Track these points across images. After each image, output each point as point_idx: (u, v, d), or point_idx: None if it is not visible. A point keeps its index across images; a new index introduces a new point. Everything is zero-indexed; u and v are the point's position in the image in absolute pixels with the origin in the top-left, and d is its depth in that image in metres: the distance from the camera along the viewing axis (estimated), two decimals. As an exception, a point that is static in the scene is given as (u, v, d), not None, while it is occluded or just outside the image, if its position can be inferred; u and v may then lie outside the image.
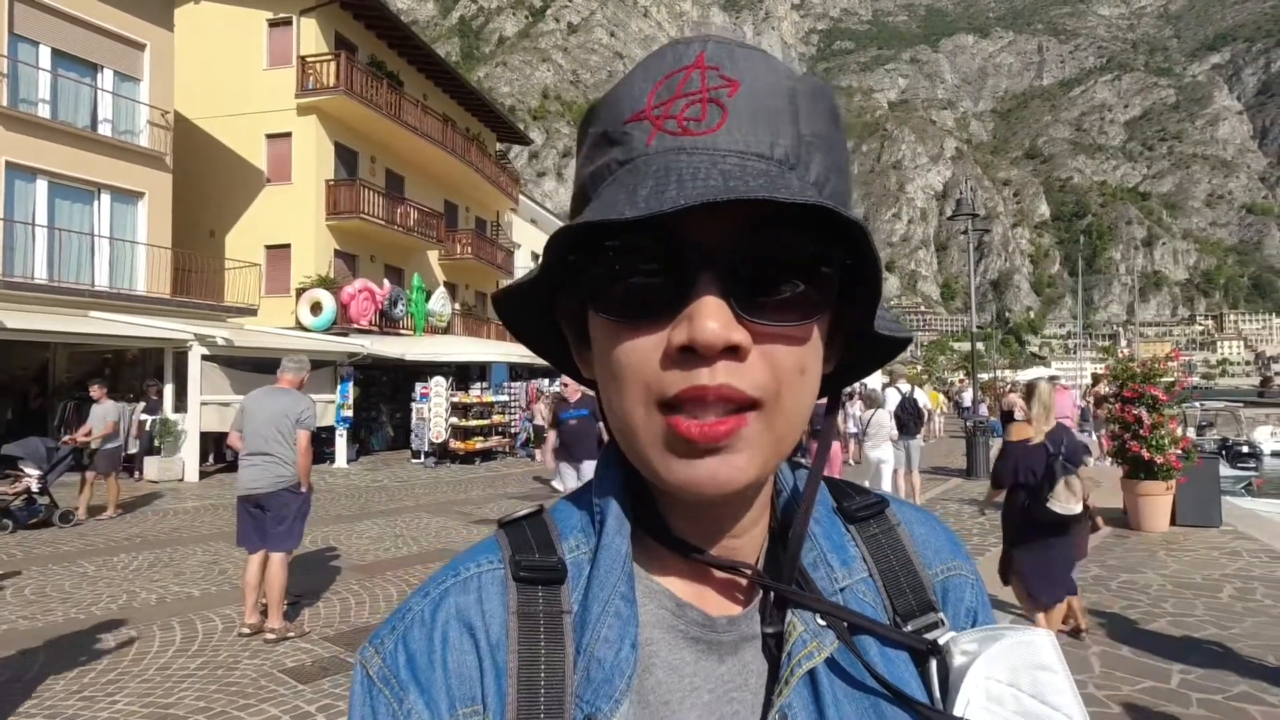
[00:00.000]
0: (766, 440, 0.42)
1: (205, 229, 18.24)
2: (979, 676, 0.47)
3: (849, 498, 0.56)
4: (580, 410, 7.01)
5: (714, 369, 0.40)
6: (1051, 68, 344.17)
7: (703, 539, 0.48)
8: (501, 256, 27.00)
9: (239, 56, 18.71)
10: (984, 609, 0.56)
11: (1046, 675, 0.46)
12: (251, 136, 18.54)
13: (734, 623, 0.47)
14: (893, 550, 0.53)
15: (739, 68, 0.42)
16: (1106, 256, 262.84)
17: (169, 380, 13.45)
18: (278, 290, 18.24)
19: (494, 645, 0.45)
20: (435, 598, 0.47)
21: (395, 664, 0.45)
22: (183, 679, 4.28)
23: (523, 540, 0.49)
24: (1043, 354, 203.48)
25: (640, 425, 0.42)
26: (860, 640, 0.48)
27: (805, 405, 0.44)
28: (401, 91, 20.67)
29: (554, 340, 0.54)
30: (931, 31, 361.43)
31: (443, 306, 21.52)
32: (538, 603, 0.46)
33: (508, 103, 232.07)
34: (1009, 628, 0.49)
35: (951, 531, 0.59)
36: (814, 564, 0.50)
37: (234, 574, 6.65)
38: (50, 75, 13.94)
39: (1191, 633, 4.85)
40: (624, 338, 0.42)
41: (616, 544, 0.47)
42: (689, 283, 0.40)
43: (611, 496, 0.49)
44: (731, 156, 0.40)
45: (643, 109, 0.43)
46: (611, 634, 0.44)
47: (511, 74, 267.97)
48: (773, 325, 0.41)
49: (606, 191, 0.43)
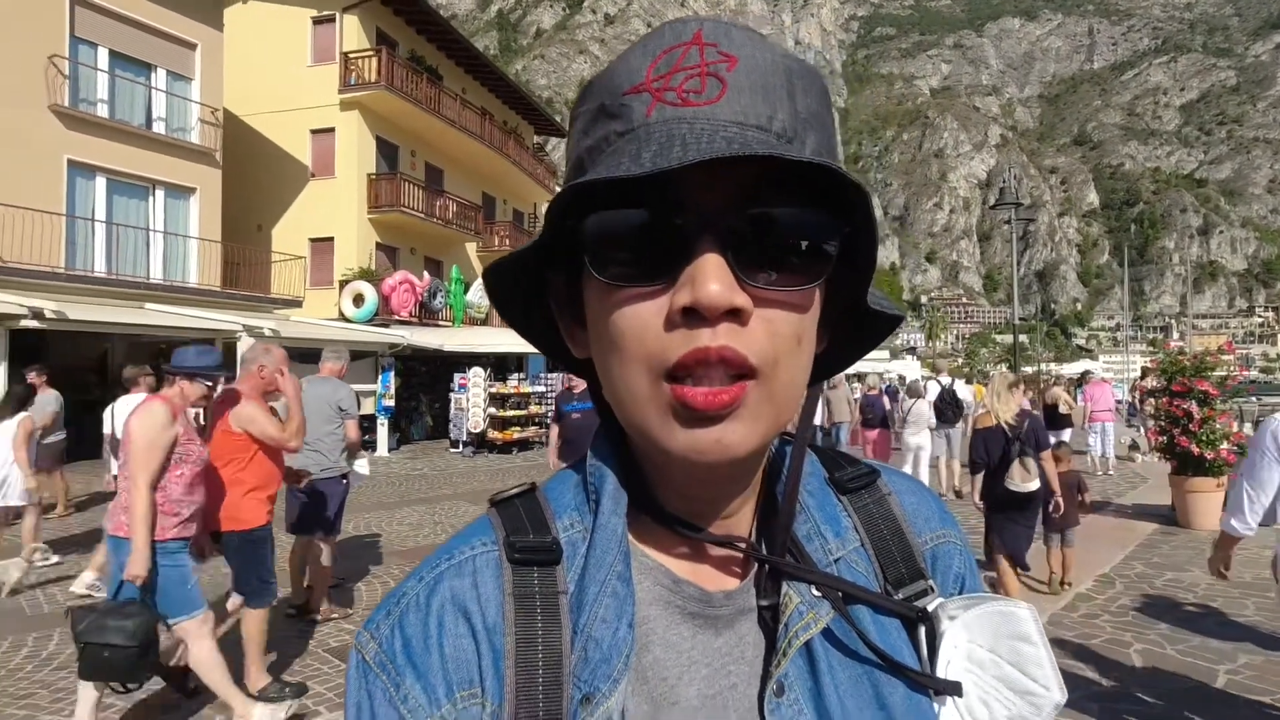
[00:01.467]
0: (766, 410, 0.42)
1: (253, 223, 18.77)
2: (960, 638, 0.48)
3: (840, 468, 0.56)
4: (586, 403, 6.28)
5: (715, 331, 0.40)
6: (1103, 50, 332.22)
7: (697, 515, 0.48)
8: (538, 248, 27.20)
9: (284, 54, 19.16)
10: (972, 575, 0.57)
11: (1026, 647, 0.48)
12: (296, 132, 18.99)
13: (730, 597, 0.48)
14: (884, 519, 0.54)
15: (736, 44, 0.42)
16: (1159, 246, 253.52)
17: (219, 370, 13.90)
18: (322, 282, 18.69)
19: (490, 628, 0.45)
20: (430, 582, 0.47)
21: (391, 649, 0.45)
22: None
23: (516, 520, 0.49)
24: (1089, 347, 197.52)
25: (643, 394, 0.42)
26: (854, 609, 0.49)
27: (801, 376, 0.44)
28: (441, 85, 20.93)
29: (542, 324, 0.53)
30: (976, 15, 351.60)
31: (481, 298, 21.79)
32: (533, 584, 0.45)
33: (545, 95, 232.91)
34: (993, 596, 0.50)
35: (941, 500, 0.60)
36: (808, 536, 0.51)
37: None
38: (108, 75, 14.46)
39: (1241, 633, 4.73)
40: (624, 302, 0.42)
41: (613, 523, 0.46)
42: (692, 246, 0.40)
43: (606, 474, 0.48)
44: (732, 126, 0.40)
45: (641, 81, 0.42)
46: (609, 614, 0.44)
47: (549, 66, 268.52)
48: (774, 290, 0.41)
49: (607, 159, 0.42)
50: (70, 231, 13.73)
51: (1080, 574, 6.00)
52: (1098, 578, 6.08)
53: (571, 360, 0.52)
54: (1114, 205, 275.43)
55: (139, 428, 3.21)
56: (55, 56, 13.36)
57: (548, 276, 0.50)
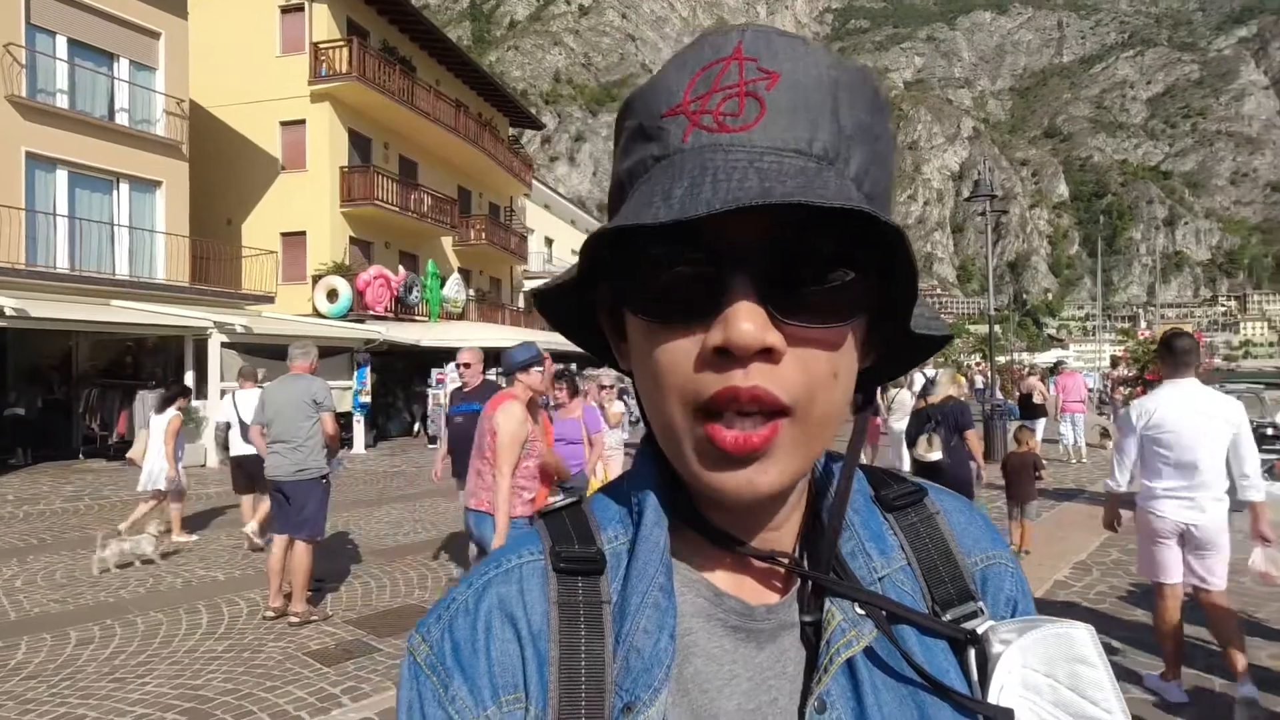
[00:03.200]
0: (799, 448, 0.43)
1: (222, 217, 18.38)
2: (1014, 664, 0.47)
3: (887, 486, 0.55)
4: (472, 404, 5.21)
5: (748, 371, 0.40)
6: (1072, 44, 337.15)
7: (740, 529, 0.48)
8: (515, 242, 27.03)
9: (252, 44, 18.74)
10: (1024, 598, 0.55)
11: (1085, 669, 0.46)
12: (266, 124, 18.61)
13: (772, 611, 0.48)
14: (931, 539, 0.53)
15: (778, 58, 0.42)
16: (1126, 237, 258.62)
17: (189, 367, 13.63)
18: (294, 277, 18.37)
19: (535, 634, 0.46)
20: (479, 588, 0.48)
21: (441, 651, 0.46)
22: (210, 661, 4.37)
23: (562, 531, 0.50)
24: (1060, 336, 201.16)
25: (679, 430, 0.43)
26: (899, 629, 0.48)
27: (837, 410, 0.44)
28: (414, 77, 20.64)
29: (593, 334, 0.54)
30: (948, 8, 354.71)
31: (457, 292, 21.60)
32: (578, 593, 0.47)
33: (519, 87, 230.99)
34: (1048, 619, 0.48)
35: (990, 520, 0.58)
36: (852, 553, 0.50)
37: (257, 559, 6.76)
38: (67, 65, 14.03)
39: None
40: (660, 339, 0.42)
41: (655, 535, 0.47)
42: (724, 284, 0.40)
43: (649, 487, 0.49)
44: (769, 155, 0.40)
45: (679, 103, 0.42)
46: (650, 624, 0.44)
47: (523, 58, 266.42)
48: (807, 328, 0.41)
49: (642, 189, 0.42)
50: (30, 226, 13.32)
51: (1057, 561, 6.09)
52: (1075, 565, 6.17)
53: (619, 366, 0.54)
54: (1083, 197, 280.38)
55: (504, 425, 3.82)
56: (11, 45, 12.92)
57: (597, 292, 0.51)
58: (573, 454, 5.59)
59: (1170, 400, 3.61)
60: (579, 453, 5.67)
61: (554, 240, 34.93)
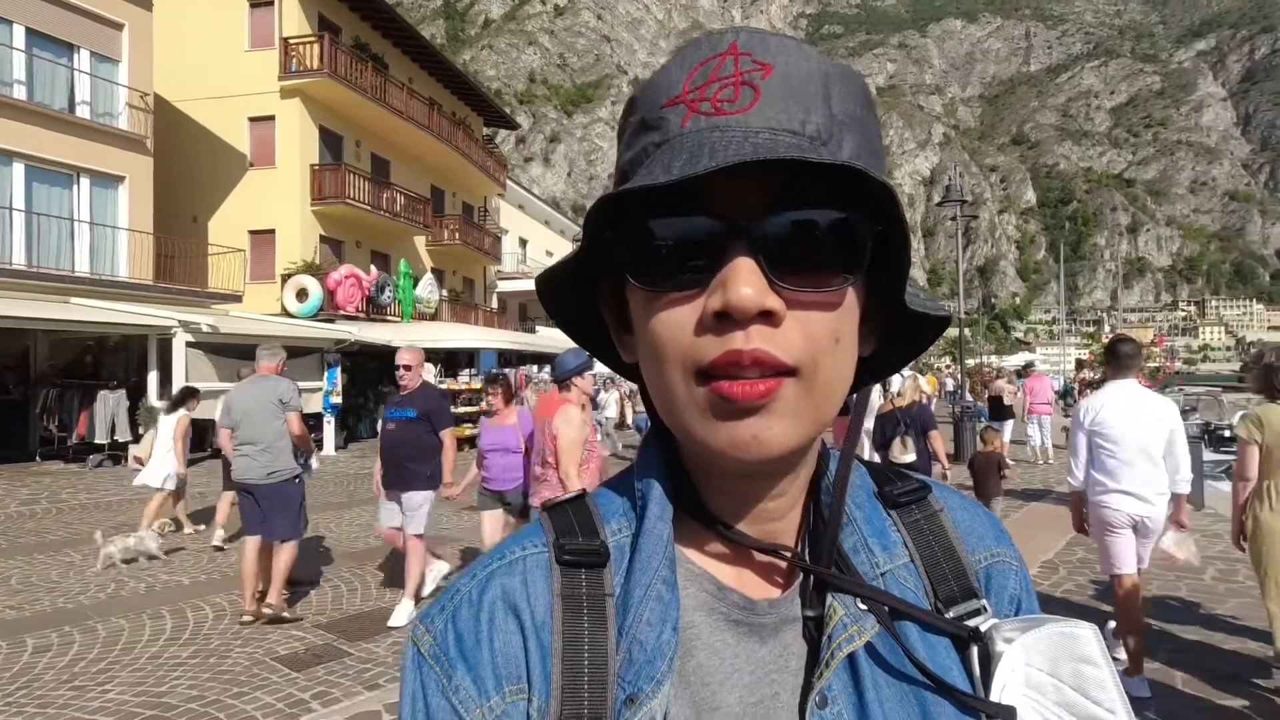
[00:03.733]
0: (805, 407, 0.43)
1: (188, 214, 17.98)
2: (1017, 662, 0.47)
3: (890, 483, 0.55)
4: (407, 410, 4.97)
5: (748, 333, 0.40)
6: (1039, 53, 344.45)
7: (743, 521, 0.48)
8: (489, 242, 26.84)
9: (220, 37, 18.37)
10: (1028, 596, 0.55)
11: (1089, 669, 0.46)
12: (234, 119, 18.25)
13: (775, 605, 0.48)
14: (935, 536, 0.53)
15: (771, 53, 0.43)
16: (1091, 242, 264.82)
17: (153, 367, 13.31)
18: (263, 276, 18.04)
19: (539, 626, 0.46)
20: (482, 579, 0.49)
21: (445, 643, 0.47)
22: (175, 667, 4.26)
23: (566, 524, 0.50)
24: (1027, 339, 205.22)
25: (681, 395, 0.43)
26: (901, 625, 0.48)
27: (842, 376, 0.44)
28: (386, 74, 20.40)
29: (593, 328, 0.55)
30: (920, 16, 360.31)
31: (430, 293, 21.38)
32: (581, 585, 0.47)
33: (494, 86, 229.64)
34: (1052, 617, 0.49)
35: (995, 518, 0.58)
36: (854, 549, 0.50)
37: (223, 562, 6.62)
38: (25, 56, 13.62)
39: (1178, 614, 4.94)
40: (660, 307, 0.43)
41: (658, 528, 0.47)
42: (722, 250, 0.41)
43: (653, 479, 0.49)
44: (763, 133, 0.41)
45: (678, 94, 0.44)
46: (653, 617, 0.44)
47: (497, 57, 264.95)
48: (806, 291, 0.42)
49: (643, 170, 0.44)
50: (-14, 221, 12.91)
51: (1025, 560, 6.19)
52: (1042, 564, 6.29)
53: (622, 365, 0.54)
54: (1050, 203, 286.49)
55: (564, 430, 3.99)
56: (-33, 34, 12.53)
57: (599, 284, 0.51)
58: (510, 465, 5.11)
59: (1115, 399, 3.88)
60: (517, 463, 5.10)
61: (528, 241, 34.75)
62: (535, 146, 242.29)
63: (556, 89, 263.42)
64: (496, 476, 5.15)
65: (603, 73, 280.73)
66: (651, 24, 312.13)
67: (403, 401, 5.06)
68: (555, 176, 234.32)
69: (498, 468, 5.15)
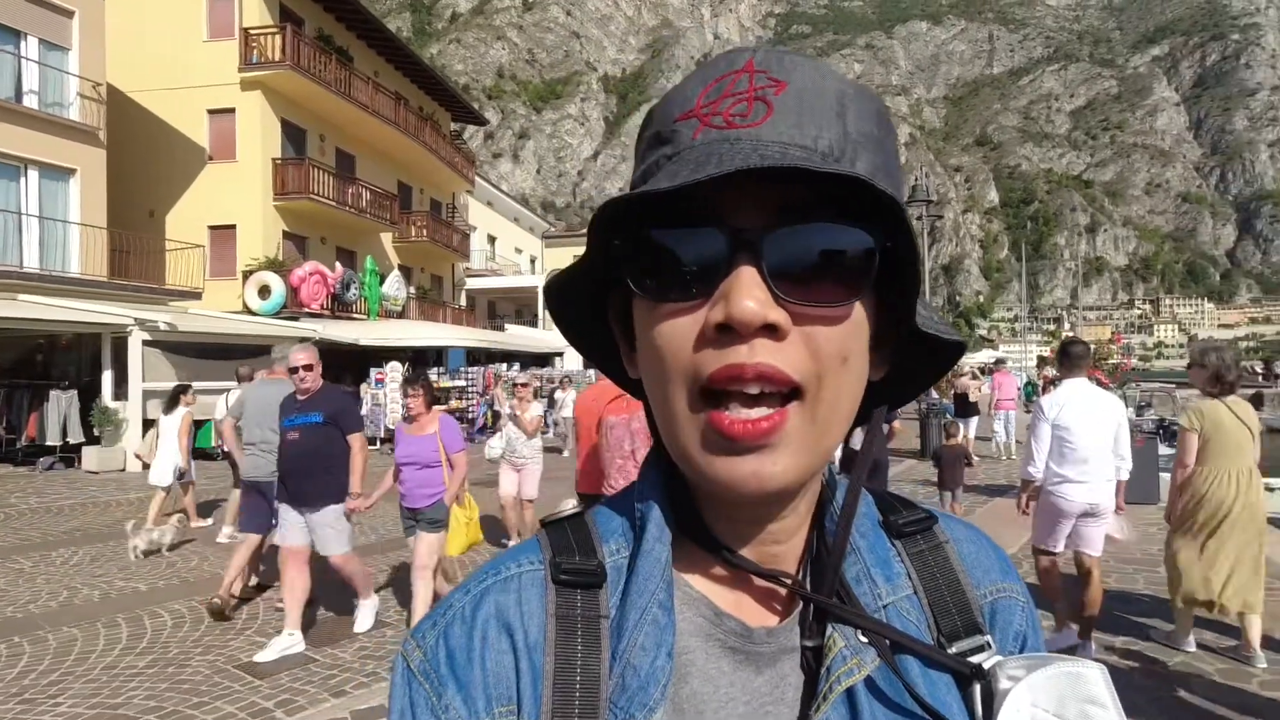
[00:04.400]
0: (809, 436, 0.41)
1: (144, 208, 17.46)
2: (1023, 702, 0.45)
3: (896, 512, 0.54)
4: (311, 416, 4.48)
5: (751, 347, 0.40)
6: (1001, 56, 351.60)
7: (745, 546, 0.47)
8: (458, 239, 26.55)
9: (177, 27, 17.85)
10: (1034, 633, 0.54)
11: (1096, 710, 0.44)
12: (192, 112, 17.76)
13: (773, 634, 0.47)
14: (939, 568, 0.52)
15: (786, 70, 0.43)
16: (1052, 242, 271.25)
17: (108, 366, 12.89)
18: (223, 273, 17.60)
19: (531, 646, 0.45)
20: (476, 595, 0.47)
21: (436, 659, 0.46)
22: (131, 678, 4.12)
23: (564, 542, 0.49)
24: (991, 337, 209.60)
25: (681, 418, 0.42)
26: (902, 660, 0.47)
27: (849, 398, 0.43)
28: (351, 67, 20.03)
29: (600, 340, 0.54)
30: (886, 17, 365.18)
31: (397, 290, 21.08)
32: (576, 606, 0.46)
33: (461, 81, 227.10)
34: (1059, 656, 0.47)
35: (1003, 551, 0.56)
36: (857, 578, 0.49)
37: (183, 568, 6.43)
38: (-30, 42, 13.10)
39: (1138, 608, 5.07)
40: (663, 318, 0.42)
41: (657, 551, 0.46)
42: (727, 262, 0.40)
43: (653, 500, 0.48)
44: (774, 146, 0.41)
45: (692, 108, 0.44)
46: (648, 641, 0.43)
47: (465, 52, 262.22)
48: (811, 306, 0.41)
49: (651, 181, 0.43)
50: (-72, 215, 12.38)
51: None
52: (1006, 557, 6.40)
53: (628, 381, 0.53)
54: (1012, 203, 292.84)
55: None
56: (-94, 19, 11.99)
57: (608, 299, 0.51)
58: (427, 480, 4.52)
59: (1073, 397, 4.20)
60: (435, 478, 4.54)
61: (497, 238, 34.47)
62: (504, 143, 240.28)
63: (525, 85, 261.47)
64: (411, 492, 4.57)
65: (572, 69, 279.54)
66: (621, 20, 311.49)
67: (305, 406, 4.51)
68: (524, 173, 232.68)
69: (413, 482, 4.56)
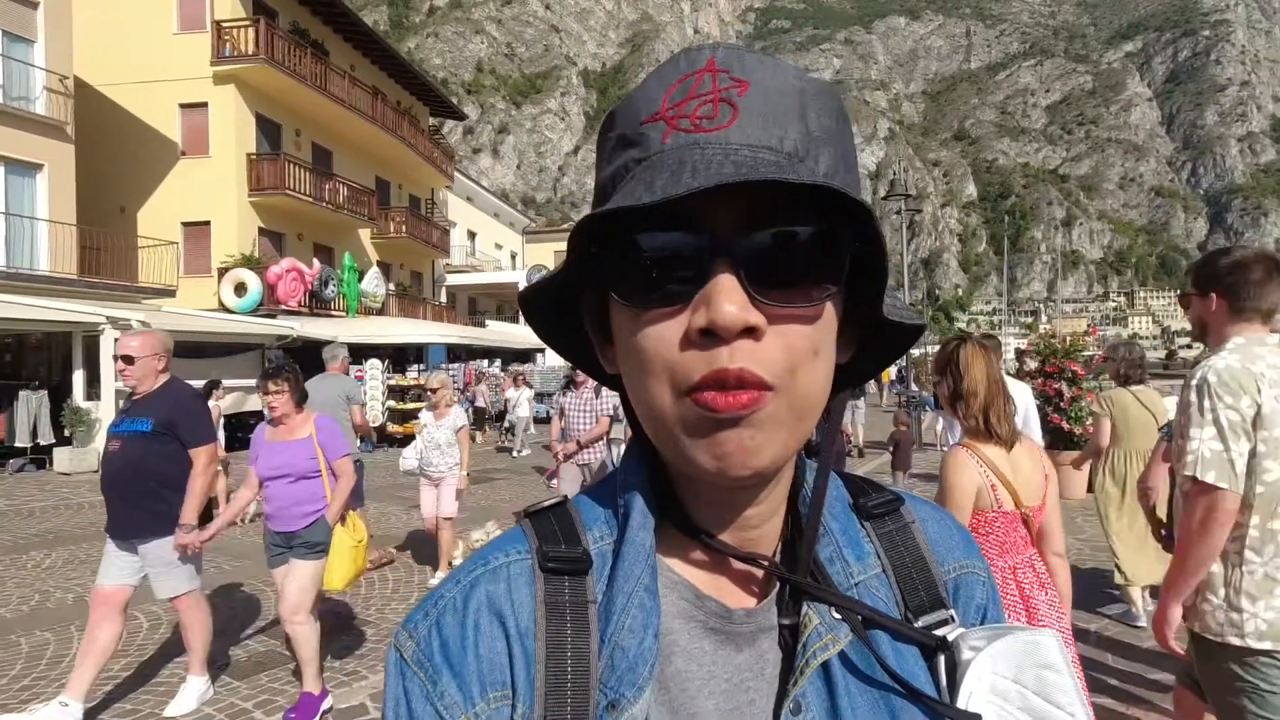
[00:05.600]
0: (786, 418, 0.44)
1: (115, 205, 17.15)
2: (984, 670, 0.48)
3: (865, 494, 0.57)
4: (137, 421, 3.44)
5: (733, 350, 0.41)
6: (979, 52, 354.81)
7: (724, 531, 0.49)
8: (437, 235, 26.35)
9: (146, 19, 17.52)
10: (994, 606, 0.57)
11: (1052, 675, 0.48)
12: (163, 106, 17.44)
13: (751, 615, 0.49)
14: (906, 547, 0.55)
15: (748, 69, 0.44)
16: (1029, 236, 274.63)
17: (79, 366, 12.66)
18: (198, 270, 17.34)
19: (523, 632, 0.47)
20: (466, 585, 0.49)
21: (430, 648, 0.47)
22: (105, 681, 4.06)
23: (549, 531, 0.51)
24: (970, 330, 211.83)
25: (667, 410, 0.44)
26: (873, 634, 0.50)
27: (819, 386, 0.45)
28: (327, 61, 19.78)
29: (572, 337, 0.56)
30: (865, 12, 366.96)
31: (376, 287, 20.89)
32: (564, 592, 0.48)
33: (440, 75, 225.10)
34: (1016, 626, 0.50)
35: (966, 530, 0.60)
36: (830, 559, 0.52)
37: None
38: (-69, 35, 12.77)
39: (1107, 599, 5.15)
40: (645, 324, 0.44)
41: (640, 537, 0.48)
42: (706, 268, 0.42)
43: (635, 489, 0.50)
44: (743, 150, 0.42)
45: (658, 110, 0.45)
46: (635, 624, 0.45)
47: (443, 45, 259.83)
48: (786, 307, 0.43)
49: (625, 187, 0.44)
50: (-111, 212, 12.06)
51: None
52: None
53: (603, 375, 0.55)
54: (990, 197, 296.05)
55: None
56: None
57: (580, 296, 0.52)
58: (304, 495, 3.58)
59: None
60: (315, 493, 3.60)
61: (477, 234, 34.26)
62: (484, 138, 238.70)
63: (504, 79, 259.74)
64: (280, 512, 3.58)
65: (551, 63, 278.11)
66: (601, 15, 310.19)
67: (134, 409, 3.48)
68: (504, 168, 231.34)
69: (283, 500, 3.56)
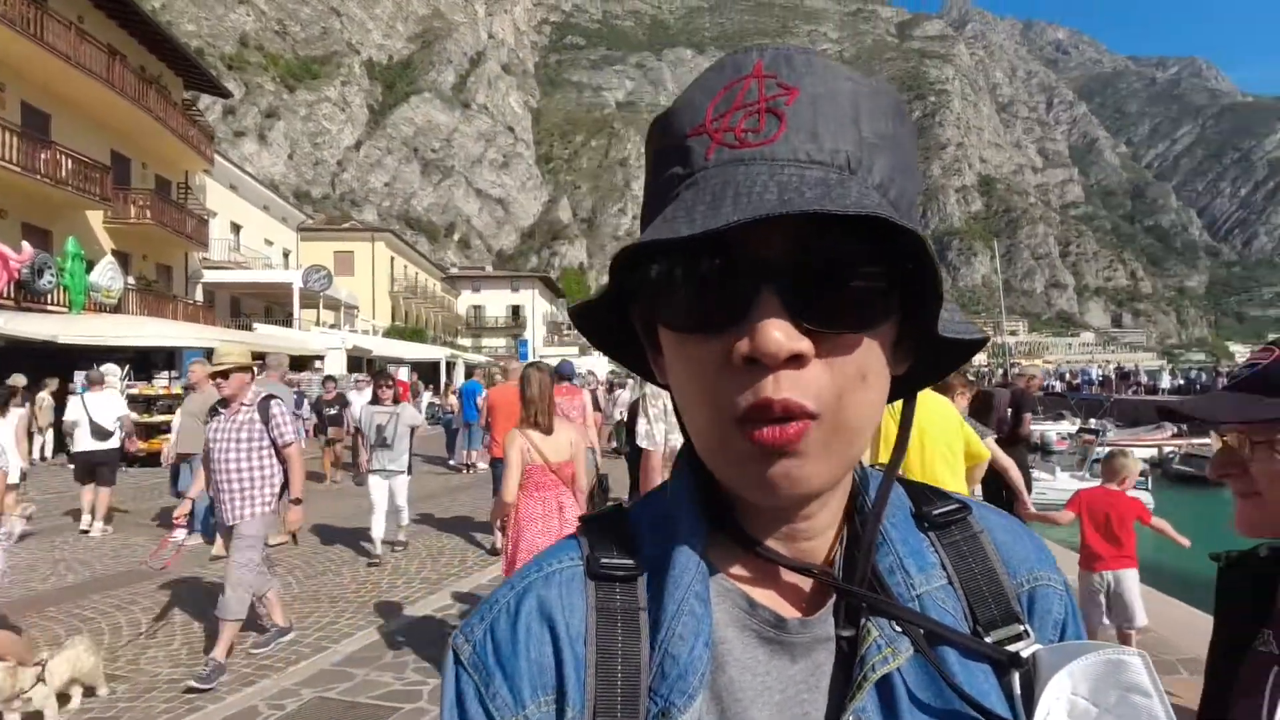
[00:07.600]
0: (835, 445, 0.43)
1: None
2: (1062, 690, 0.46)
3: (929, 503, 0.55)
4: None
5: (778, 379, 0.40)
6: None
7: (777, 539, 0.48)
8: (192, 225, 23.11)
9: None
10: (1074, 622, 0.54)
11: (1139, 698, 0.44)
12: None
13: (806, 625, 0.48)
14: (975, 557, 0.52)
15: (797, 73, 0.43)
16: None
17: None
18: None
19: (574, 638, 0.47)
20: (520, 591, 0.50)
21: (484, 651, 0.48)
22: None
23: (601, 538, 0.51)
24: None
25: (713, 435, 0.44)
26: (938, 649, 0.48)
27: (868, 411, 0.44)
28: (45, 6, 16.56)
29: (631, 345, 0.54)
30: (655, 40, 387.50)
31: (111, 280, 17.80)
32: (615, 599, 0.48)
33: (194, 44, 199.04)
34: (1100, 644, 0.47)
35: (1040, 540, 0.57)
36: (890, 569, 0.50)
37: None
38: None
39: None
40: (690, 350, 0.43)
41: (691, 544, 0.47)
42: (750, 295, 0.41)
43: (686, 497, 0.50)
44: (789, 166, 0.41)
45: (702, 122, 0.44)
46: (686, 631, 0.45)
47: (200, 12, 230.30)
48: (833, 333, 0.41)
49: (669, 209, 0.43)
50: None
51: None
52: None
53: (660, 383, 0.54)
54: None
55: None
56: None
57: (632, 306, 0.51)
58: None
59: None
60: None
61: (243, 226, 30.67)
62: (248, 120, 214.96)
63: (275, 59, 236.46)
64: None
65: (331, 48, 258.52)
66: (388, 4, 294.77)
67: None
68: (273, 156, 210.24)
69: None
